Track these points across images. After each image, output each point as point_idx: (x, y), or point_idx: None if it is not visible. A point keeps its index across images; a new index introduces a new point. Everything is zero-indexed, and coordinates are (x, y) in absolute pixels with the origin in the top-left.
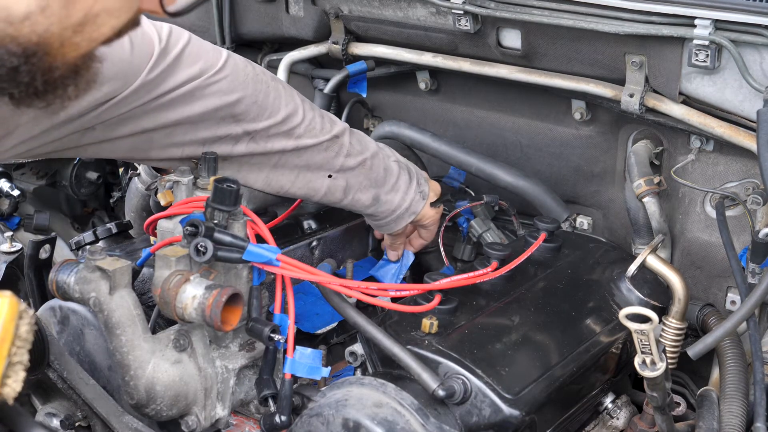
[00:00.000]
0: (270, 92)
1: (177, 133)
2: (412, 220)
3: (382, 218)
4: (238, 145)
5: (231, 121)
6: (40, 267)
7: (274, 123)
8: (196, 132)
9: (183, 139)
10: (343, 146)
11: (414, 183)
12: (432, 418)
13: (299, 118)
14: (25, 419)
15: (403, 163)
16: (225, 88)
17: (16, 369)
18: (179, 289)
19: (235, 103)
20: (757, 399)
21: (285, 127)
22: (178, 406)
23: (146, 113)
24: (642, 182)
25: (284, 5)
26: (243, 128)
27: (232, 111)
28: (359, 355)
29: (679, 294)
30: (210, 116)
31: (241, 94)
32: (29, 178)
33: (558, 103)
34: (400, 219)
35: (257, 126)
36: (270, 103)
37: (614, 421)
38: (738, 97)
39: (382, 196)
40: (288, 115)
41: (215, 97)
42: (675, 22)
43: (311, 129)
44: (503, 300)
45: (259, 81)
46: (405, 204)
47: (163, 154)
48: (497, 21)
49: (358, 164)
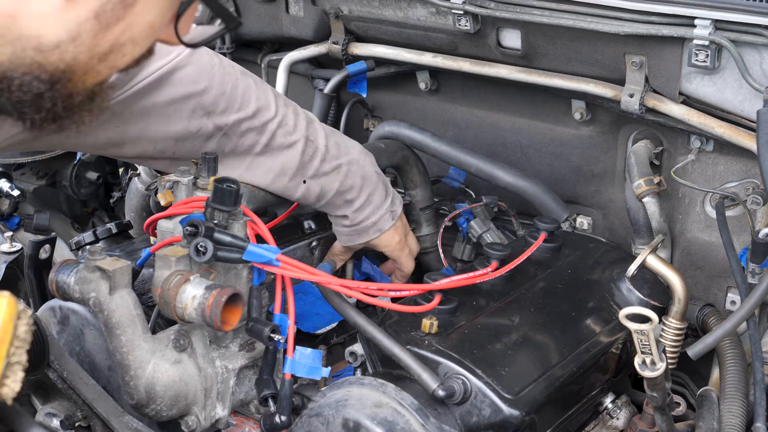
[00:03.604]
0: (239, 84)
1: (149, 126)
2: (374, 238)
3: (347, 226)
4: (210, 142)
5: (201, 114)
6: (40, 267)
7: (244, 116)
8: (168, 125)
9: (155, 133)
10: (317, 150)
11: (388, 200)
12: (432, 418)
13: (272, 112)
14: (24, 419)
15: (383, 179)
16: (191, 75)
17: (14, 369)
18: (179, 289)
19: (203, 92)
20: (757, 399)
21: (257, 122)
22: (178, 406)
23: (119, 103)
24: (642, 182)
25: (284, 5)
26: (214, 122)
27: (200, 101)
28: (359, 355)
29: (679, 294)
30: (179, 106)
31: (207, 83)
32: (29, 178)
33: (558, 103)
34: (363, 233)
35: (227, 119)
36: (239, 95)
37: (614, 421)
38: (738, 97)
39: (355, 204)
40: (259, 108)
41: (182, 85)
42: (675, 22)
43: (284, 125)
44: (503, 300)
45: (226, 73)
46: (373, 218)
47: (135, 148)
48: (497, 21)
49: (332, 169)
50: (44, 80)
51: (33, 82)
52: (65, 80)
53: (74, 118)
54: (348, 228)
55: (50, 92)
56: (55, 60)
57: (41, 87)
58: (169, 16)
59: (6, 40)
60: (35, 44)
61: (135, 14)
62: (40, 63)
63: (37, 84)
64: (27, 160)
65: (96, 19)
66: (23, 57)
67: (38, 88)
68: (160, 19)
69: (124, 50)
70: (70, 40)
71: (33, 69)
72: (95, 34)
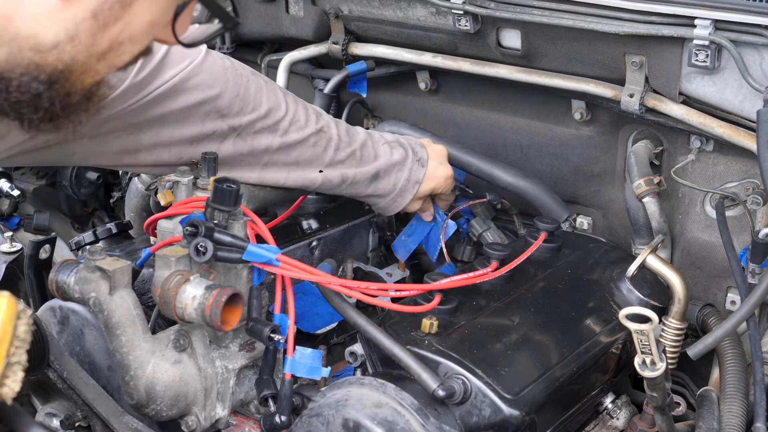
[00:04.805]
0: (251, 86)
1: (163, 131)
2: (416, 190)
3: (385, 197)
4: (225, 143)
5: (216, 116)
6: (40, 267)
7: (258, 117)
8: (182, 129)
9: (170, 137)
10: (331, 140)
11: (410, 154)
12: (432, 418)
13: (283, 111)
14: (24, 419)
15: (394, 142)
16: (206, 81)
17: (14, 369)
18: (179, 290)
19: (217, 97)
20: (757, 399)
21: (269, 121)
22: (178, 406)
23: (132, 111)
24: (642, 182)
25: (284, 5)
26: (228, 124)
27: (215, 105)
28: (359, 355)
29: (679, 294)
30: (194, 111)
31: (222, 88)
32: (29, 178)
33: (558, 103)
34: (405, 192)
35: (242, 120)
36: (252, 96)
37: (614, 421)
38: (738, 97)
39: (380, 177)
40: (271, 108)
41: (197, 91)
42: (675, 22)
43: (296, 121)
44: (503, 300)
45: (238, 75)
46: (404, 176)
47: (151, 156)
48: (497, 21)
49: (347, 156)
50: (42, 81)
51: (31, 83)
52: (63, 80)
53: (71, 118)
54: (386, 198)
55: (48, 92)
56: (53, 60)
57: (39, 87)
58: (168, 16)
59: (2, 40)
60: (32, 44)
61: (133, 14)
62: (38, 63)
63: (36, 85)
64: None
65: (94, 19)
66: (21, 58)
67: (36, 88)
68: (158, 19)
69: (122, 49)
70: (68, 40)
71: (31, 70)
72: (93, 33)
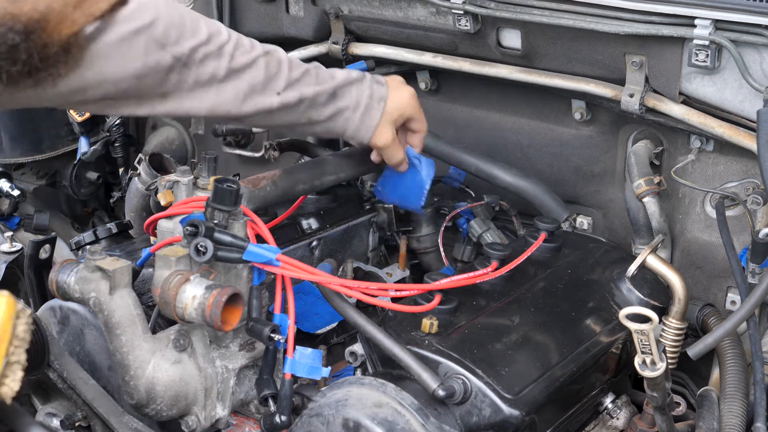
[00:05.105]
0: (185, 14)
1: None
2: (383, 108)
3: (350, 116)
4: (171, 75)
5: (155, 47)
6: (40, 267)
7: (199, 42)
8: (124, 64)
9: (115, 73)
10: (282, 61)
11: (367, 77)
12: (432, 418)
13: (225, 35)
14: (24, 419)
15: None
16: (135, 10)
17: (14, 368)
18: (179, 289)
19: (151, 25)
20: (757, 399)
21: (212, 47)
22: (178, 406)
23: None
24: (642, 182)
25: (284, 5)
26: (170, 54)
27: (151, 34)
28: (359, 355)
29: (679, 294)
30: (131, 43)
31: (153, 16)
32: (29, 178)
33: (558, 103)
34: (371, 109)
35: (183, 48)
36: (188, 23)
37: (614, 421)
38: (738, 97)
39: (340, 95)
40: (212, 33)
41: (128, 22)
42: (675, 22)
43: (240, 45)
44: (503, 300)
45: (170, 6)
46: (365, 92)
47: (98, 91)
48: (497, 21)
49: (302, 74)
50: (19, 31)
51: (7, 34)
52: (40, 30)
53: (50, 71)
54: (353, 118)
55: (25, 43)
56: (29, 9)
57: (16, 38)
58: None
59: None
60: None
61: None
62: (12, 14)
63: (12, 35)
64: (27, 160)
65: None
66: None
67: (13, 39)
68: None
69: None
70: None
71: (6, 20)
72: None
